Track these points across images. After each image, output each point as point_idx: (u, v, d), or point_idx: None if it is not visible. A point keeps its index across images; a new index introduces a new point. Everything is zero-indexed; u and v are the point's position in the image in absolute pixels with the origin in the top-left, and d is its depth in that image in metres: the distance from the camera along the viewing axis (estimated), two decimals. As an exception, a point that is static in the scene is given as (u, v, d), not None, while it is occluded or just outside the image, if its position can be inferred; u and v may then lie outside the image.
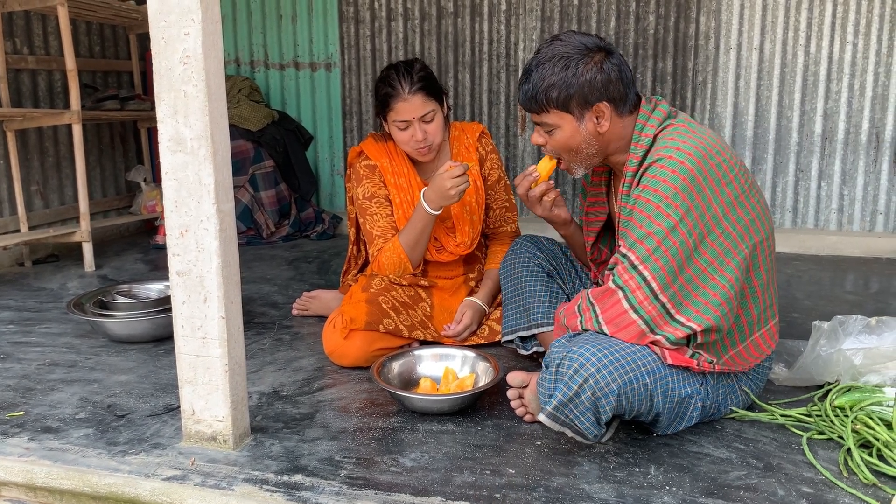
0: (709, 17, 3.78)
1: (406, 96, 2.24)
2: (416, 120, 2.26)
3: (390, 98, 2.27)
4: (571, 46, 1.71)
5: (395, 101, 2.26)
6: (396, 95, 2.25)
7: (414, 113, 2.25)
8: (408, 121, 2.26)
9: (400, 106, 2.26)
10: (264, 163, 4.07)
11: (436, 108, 2.29)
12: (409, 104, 2.25)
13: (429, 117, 2.27)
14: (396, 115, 2.27)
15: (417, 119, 2.26)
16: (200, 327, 1.63)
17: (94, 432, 1.80)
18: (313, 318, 2.69)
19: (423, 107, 2.26)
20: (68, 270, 3.48)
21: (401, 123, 2.28)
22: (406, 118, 2.26)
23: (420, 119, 2.26)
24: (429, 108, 2.27)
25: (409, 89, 2.24)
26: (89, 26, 4.13)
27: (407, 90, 2.24)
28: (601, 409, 1.55)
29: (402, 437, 1.76)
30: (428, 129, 2.28)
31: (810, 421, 1.78)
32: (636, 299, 1.61)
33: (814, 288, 3.11)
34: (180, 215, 1.59)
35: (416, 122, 2.26)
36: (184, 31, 1.51)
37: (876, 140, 3.67)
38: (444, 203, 2.19)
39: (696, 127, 1.71)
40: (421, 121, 2.27)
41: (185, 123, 1.55)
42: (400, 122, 2.27)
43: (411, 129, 2.27)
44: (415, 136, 2.27)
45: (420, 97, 2.25)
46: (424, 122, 2.27)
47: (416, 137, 2.27)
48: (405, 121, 2.27)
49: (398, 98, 2.25)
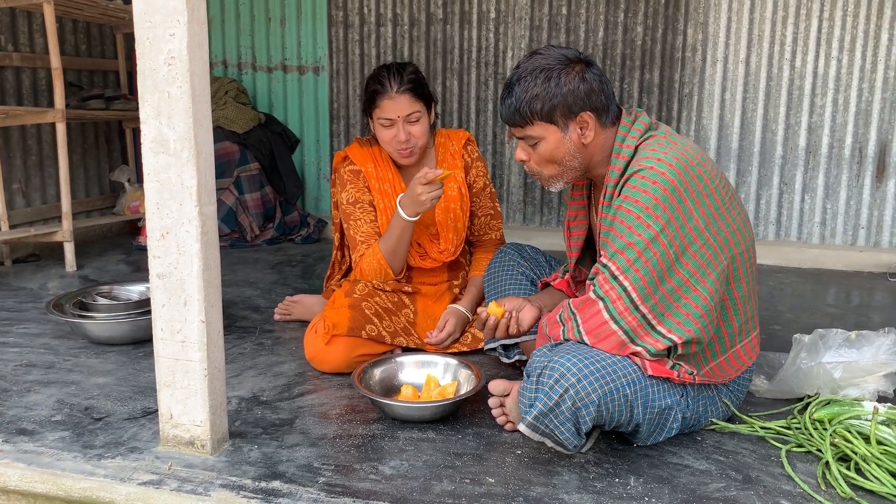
0: (696, 30, 3.81)
1: (393, 94, 2.25)
2: (400, 119, 2.26)
3: (377, 95, 2.28)
4: (552, 59, 1.71)
5: (381, 98, 2.27)
6: (384, 92, 2.26)
7: (399, 112, 2.25)
8: (392, 119, 2.26)
9: (386, 103, 2.26)
10: (249, 165, 4.05)
11: (422, 110, 2.29)
12: (395, 102, 2.25)
13: (413, 118, 2.28)
14: (381, 112, 2.27)
15: (402, 118, 2.26)
16: (180, 331, 1.61)
17: (71, 435, 1.78)
18: (295, 323, 2.68)
19: (409, 107, 2.26)
20: (49, 270, 3.44)
21: (385, 121, 2.28)
22: (391, 116, 2.26)
23: (405, 119, 2.26)
24: (414, 108, 2.27)
25: (396, 88, 2.25)
26: (76, 24, 4.10)
27: (395, 89, 2.25)
28: (581, 420, 1.55)
29: (382, 444, 1.75)
30: (412, 130, 2.28)
31: (790, 434, 1.79)
32: (616, 310, 1.61)
33: (796, 300, 3.13)
34: (162, 217, 1.58)
35: (401, 122, 2.26)
36: (169, 31, 1.50)
37: (859, 155, 3.71)
38: (418, 209, 2.18)
39: (677, 139, 1.72)
40: (405, 121, 2.27)
41: (169, 125, 1.53)
42: (384, 119, 2.27)
43: (395, 129, 2.27)
44: (398, 136, 2.27)
45: (407, 97, 2.26)
46: (409, 123, 2.28)
47: (399, 137, 2.27)
48: (389, 119, 2.27)
49: (385, 95, 2.26)
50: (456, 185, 2.46)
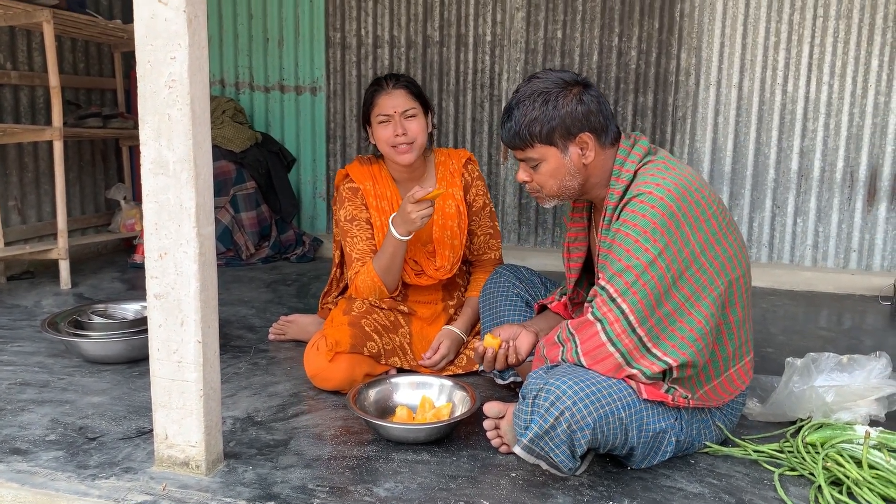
0: (689, 54, 3.85)
1: (389, 90, 2.32)
2: (397, 114, 2.30)
3: (374, 95, 2.35)
4: (550, 82, 1.74)
5: (378, 96, 2.34)
6: (380, 90, 2.34)
7: (396, 107, 2.30)
8: (389, 115, 2.30)
9: (382, 100, 2.32)
10: (246, 184, 4.06)
11: (418, 109, 2.35)
12: (392, 98, 2.31)
13: (410, 113, 2.33)
14: (379, 110, 2.32)
15: (399, 114, 2.30)
16: (176, 351, 1.62)
17: (65, 455, 1.77)
18: (290, 343, 2.68)
19: (405, 103, 2.32)
20: (44, 288, 3.44)
21: (382, 118, 2.32)
22: (388, 112, 2.30)
23: (401, 114, 2.30)
24: (411, 105, 2.33)
25: (393, 84, 2.33)
26: (74, 43, 4.12)
27: (391, 85, 2.33)
28: (576, 442, 1.55)
29: (377, 466, 1.75)
30: (409, 126, 2.32)
31: (782, 457, 1.79)
32: (614, 332, 1.62)
33: (788, 323, 3.15)
34: (160, 238, 1.59)
35: (398, 117, 2.30)
36: (170, 55, 1.52)
37: (850, 179, 3.75)
38: (409, 228, 2.20)
39: (676, 164, 1.74)
40: (402, 117, 2.30)
41: (169, 147, 1.55)
42: (382, 115, 2.32)
43: (392, 124, 2.31)
44: (396, 130, 2.30)
45: (403, 92, 2.33)
46: (406, 119, 2.31)
47: (398, 131, 2.30)
48: (387, 115, 2.31)
49: (381, 93, 2.33)
50: (454, 202, 2.48)
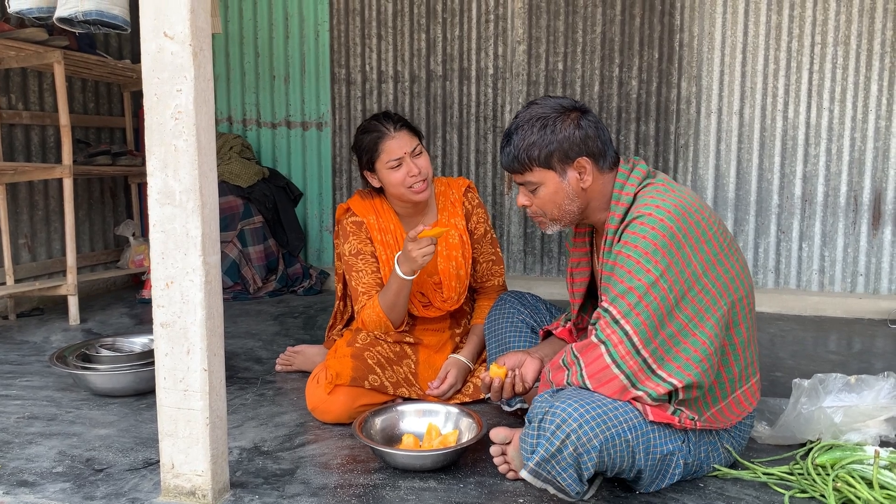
0: (690, 83, 3.90)
1: (393, 134, 2.32)
2: (407, 155, 2.32)
3: (378, 141, 2.33)
4: (548, 107, 1.77)
5: (383, 141, 2.33)
6: (384, 136, 2.33)
7: (404, 148, 2.32)
8: (400, 157, 2.31)
9: (389, 145, 2.32)
10: (253, 218, 4.10)
11: (420, 143, 2.36)
12: (398, 141, 2.32)
13: (417, 150, 2.35)
14: (388, 156, 2.32)
15: (408, 154, 2.32)
16: (182, 379, 1.62)
17: (72, 486, 1.77)
18: (297, 374, 2.68)
19: (411, 142, 2.34)
20: (52, 324, 3.46)
21: (393, 163, 2.32)
22: (398, 155, 2.31)
23: (410, 154, 2.32)
24: (415, 143, 2.35)
25: (394, 127, 2.33)
26: (84, 83, 4.20)
27: (392, 129, 2.33)
28: (583, 465, 1.55)
29: (384, 493, 1.74)
30: (419, 162, 2.34)
31: (792, 479, 1.78)
32: (618, 354, 1.62)
33: (797, 348, 3.14)
34: (166, 267, 1.61)
35: (408, 158, 2.32)
36: (176, 87, 1.55)
37: (854, 203, 3.75)
38: (413, 267, 2.21)
39: (676, 186, 1.76)
40: (411, 156, 2.32)
41: (175, 177, 1.58)
42: (393, 161, 2.32)
43: (405, 166, 2.32)
44: (410, 171, 2.32)
45: (405, 132, 2.35)
46: (414, 157, 2.33)
47: (412, 172, 2.32)
48: (397, 158, 2.32)
49: (386, 138, 2.32)
50: (457, 232, 2.49)
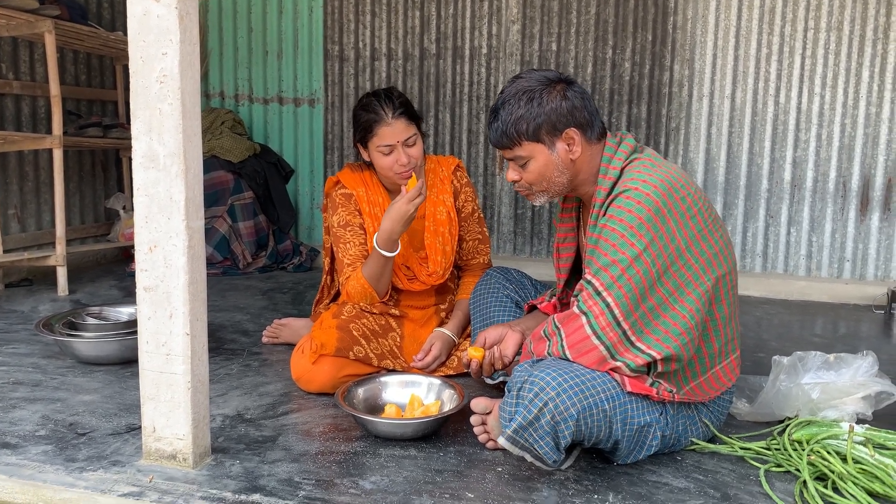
0: (682, 66, 3.89)
1: (390, 121, 2.29)
2: (399, 144, 2.30)
3: (374, 124, 2.31)
4: (533, 80, 1.77)
5: (378, 126, 2.31)
6: (380, 121, 2.30)
7: (398, 137, 2.30)
8: (392, 145, 2.30)
9: (384, 131, 2.30)
10: (244, 194, 4.10)
11: (416, 132, 2.35)
12: (393, 128, 2.30)
13: (411, 141, 2.33)
14: (381, 141, 2.31)
15: (401, 143, 2.31)
16: (165, 343, 1.63)
17: (54, 449, 1.78)
18: (283, 346, 2.69)
19: (406, 131, 2.31)
20: (41, 294, 3.46)
21: (385, 148, 2.31)
22: (391, 142, 2.30)
23: (403, 143, 2.31)
24: (411, 132, 2.33)
25: (392, 114, 2.30)
26: (76, 55, 4.18)
27: (390, 115, 2.30)
28: (560, 434, 1.56)
29: (364, 460, 1.76)
30: (411, 152, 2.33)
31: (769, 454, 1.80)
32: (598, 325, 1.64)
33: (782, 330, 3.16)
34: (150, 231, 1.61)
35: (400, 146, 2.31)
36: (161, 50, 1.55)
37: (843, 188, 3.77)
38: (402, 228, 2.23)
39: (662, 161, 1.77)
40: (404, 145, 2.31)
41: (159, 141, 1.57)
42: (384, 146, 2.31)
43: (395, 154, 2.32)
44: (399, 160, 2.31)
45: (403, 121, 2.31)
46: (407, 146, 2.32)
47: (401, 161, 2.31)
48: (389, 145, 2.31)
49: (382, 123, 2.30)
50: (445, 209, 2.50)
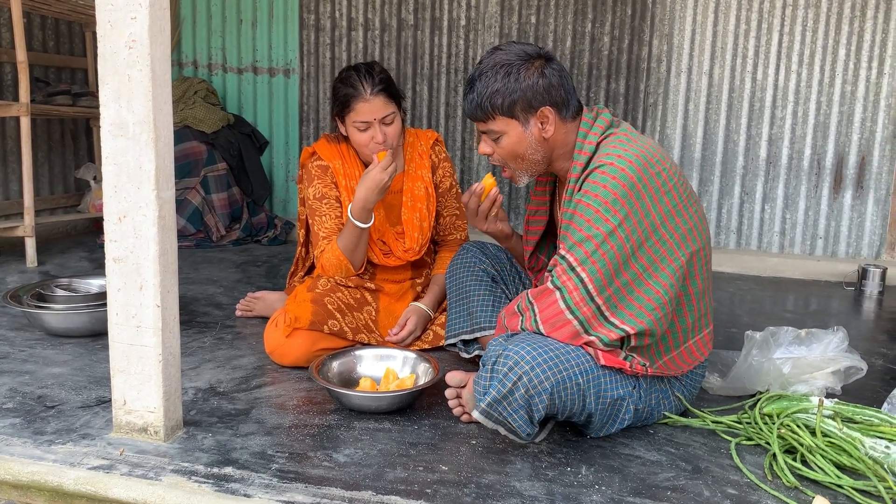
0: (661, 41, 3.88)
1: (368, 97, 2.25)
2: (376, 121, 2.26)
3: (351, 98, 2.27)
4: (512, 54, 1.75)
5: (356, 101, 2.26)
6: (358, 96, 2.25)
7: (375, 114, 2.26)
8: (368, 122, 2.26)
9: (361, 107, 2.26)
10: (217, 165, 4.03)
11: (395, 110, 2.31)
12: (371, 105, 2.25)
13: (389, 119, 2.29)
14: (357, 116, 2.27)
15: (378, 121, 2.27)
16: (135, 315, 1.61)
17: (21, 422, 1.75)
18: (257, 319, 2.67)
19: (384, 108, 2.27)
20: (9, 266, 3.39)
21: (361, 125, 2.27)
22: (367, 119, 2.26)
23: (380, 121, 2.27)
24: (389, 110, 2.28)
25: (370, 90, 2.25)
26: (44, 21, 4.06)
27: (368, 91, 2.25)
28: (534, 407, 1.57)
29: (338, 433, 1.75)
30: (387, 131, 2.29)
31: (740, 427, 1.82)
32: (573, 300, 1.63)
33: (754, 306, 3.19)
34: (119, 201, 1.57)
35: (377, 124, 2.27)
36: (130, 15, 1.50)
37: (817, 166, 3.80)
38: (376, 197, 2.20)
39: (638, 136, 1.76)
40: (381, 122, 2.27)
41: (128, 108, 1.53)
42: (360, 122, 2.27)
43: (371, 131, 2.28)
44: (375, 138, 2.27)
45: (381, 99, 2.26)
46: (384, 124, 2.28)
47: (377, 139, 2.27)
48: (366, 122, 2.27)
49: (359, 99, 2.25)
50: (423, 184, 2.48)
